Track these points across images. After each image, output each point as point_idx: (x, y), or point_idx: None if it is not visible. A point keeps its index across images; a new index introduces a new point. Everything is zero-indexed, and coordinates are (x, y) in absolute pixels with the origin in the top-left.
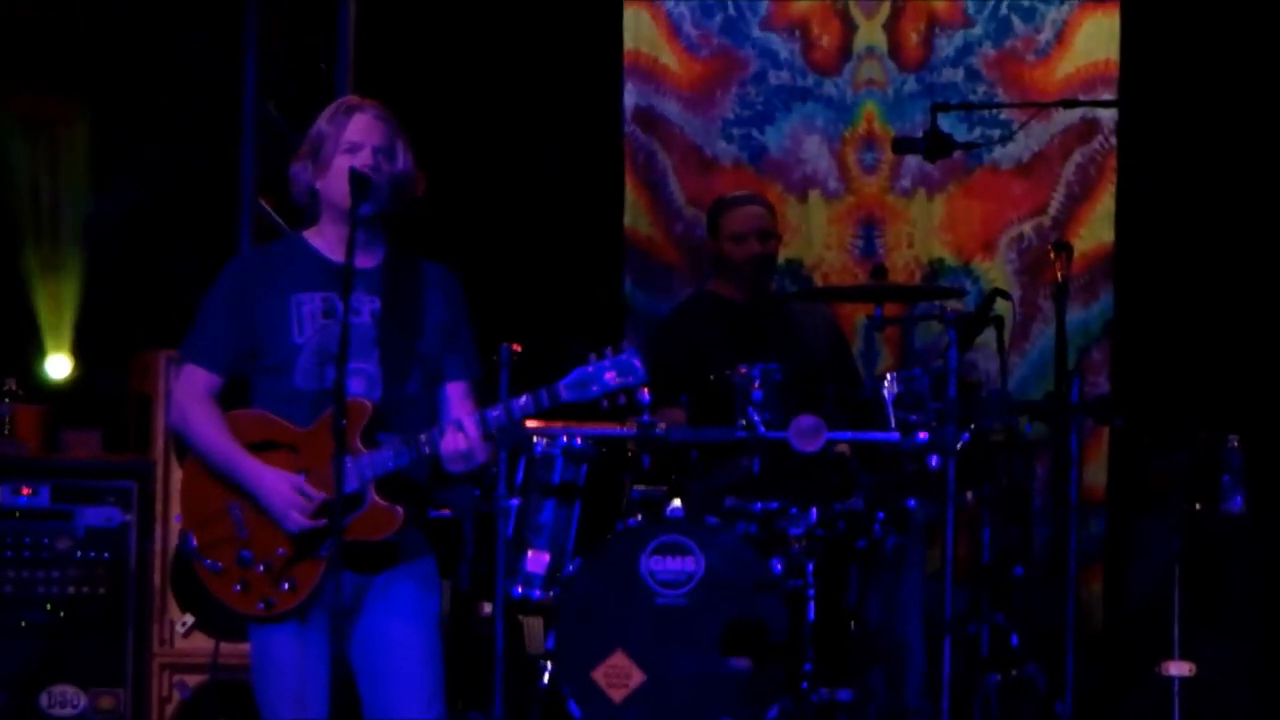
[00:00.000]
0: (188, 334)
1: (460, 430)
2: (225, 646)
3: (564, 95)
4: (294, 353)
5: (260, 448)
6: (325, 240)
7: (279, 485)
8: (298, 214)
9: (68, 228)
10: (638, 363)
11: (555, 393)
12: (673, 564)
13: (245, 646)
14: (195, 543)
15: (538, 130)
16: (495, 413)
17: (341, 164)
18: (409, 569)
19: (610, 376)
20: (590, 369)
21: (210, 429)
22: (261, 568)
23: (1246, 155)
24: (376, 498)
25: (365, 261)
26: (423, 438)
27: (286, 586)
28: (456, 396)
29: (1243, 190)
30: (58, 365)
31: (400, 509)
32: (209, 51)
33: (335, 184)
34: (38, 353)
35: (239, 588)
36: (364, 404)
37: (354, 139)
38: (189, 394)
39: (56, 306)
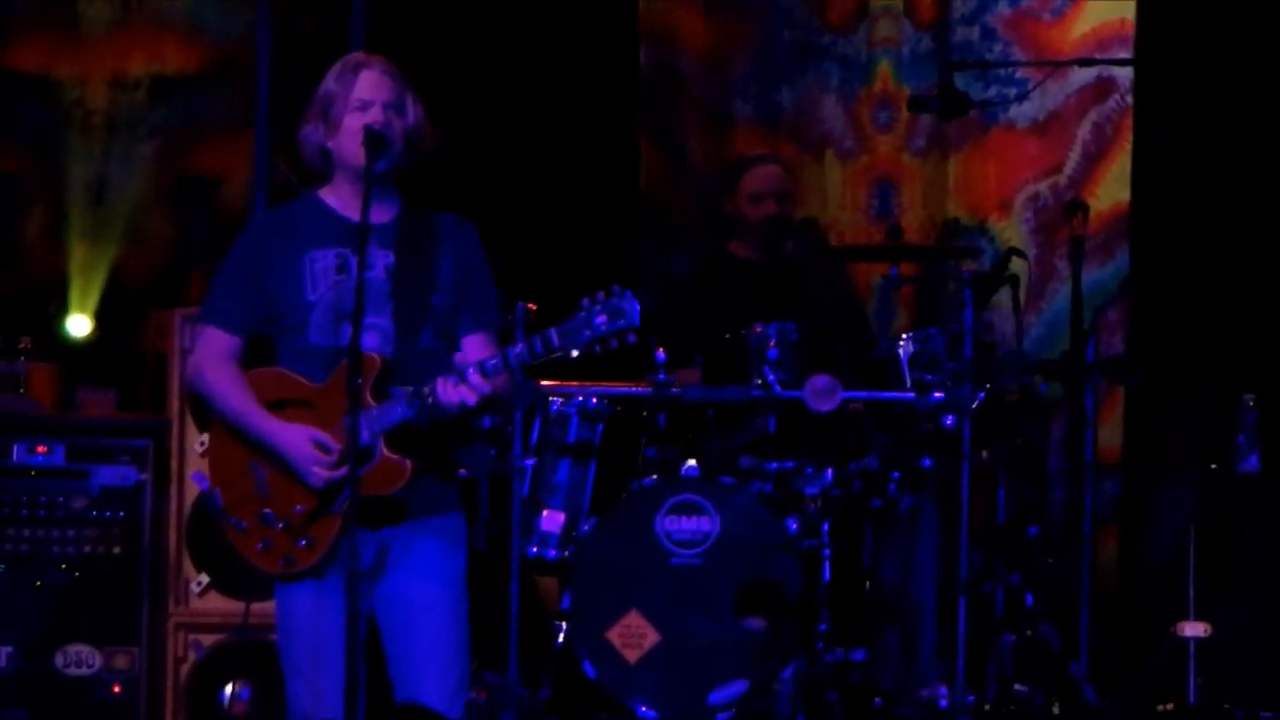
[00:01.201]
0: (206, 296)
1: (462, 379)
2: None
3: (580, 56)
4: (308, 310)
5: (277, 405)
6: (339, 197)
7: (298, 440)
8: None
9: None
10: (628, 305)
11: (548, 339)
12: (688, 524)
13: (268, 606)
14: (221, 502)
15: (553, 91)
16: (493, 362)
17: (352, 122)
18: (434, 523)
19: (601, 320)
20: (582, 315)
21: (229, 389)
22: (281, 525)
23: (1262, 113)
24: (386, 451)
25: (379, 216)
26: (426, 389)
27: (304, 543)
28: (473, 348)
29: (1259, 148)
30: (79, 324)
31: (409, 461)
32: None
33: (347, 143)
34: (61, 311)
35: (261, 546)
36: (374, 358)
37: (363, 96)
38: (208, 356)
39: (88, 268)
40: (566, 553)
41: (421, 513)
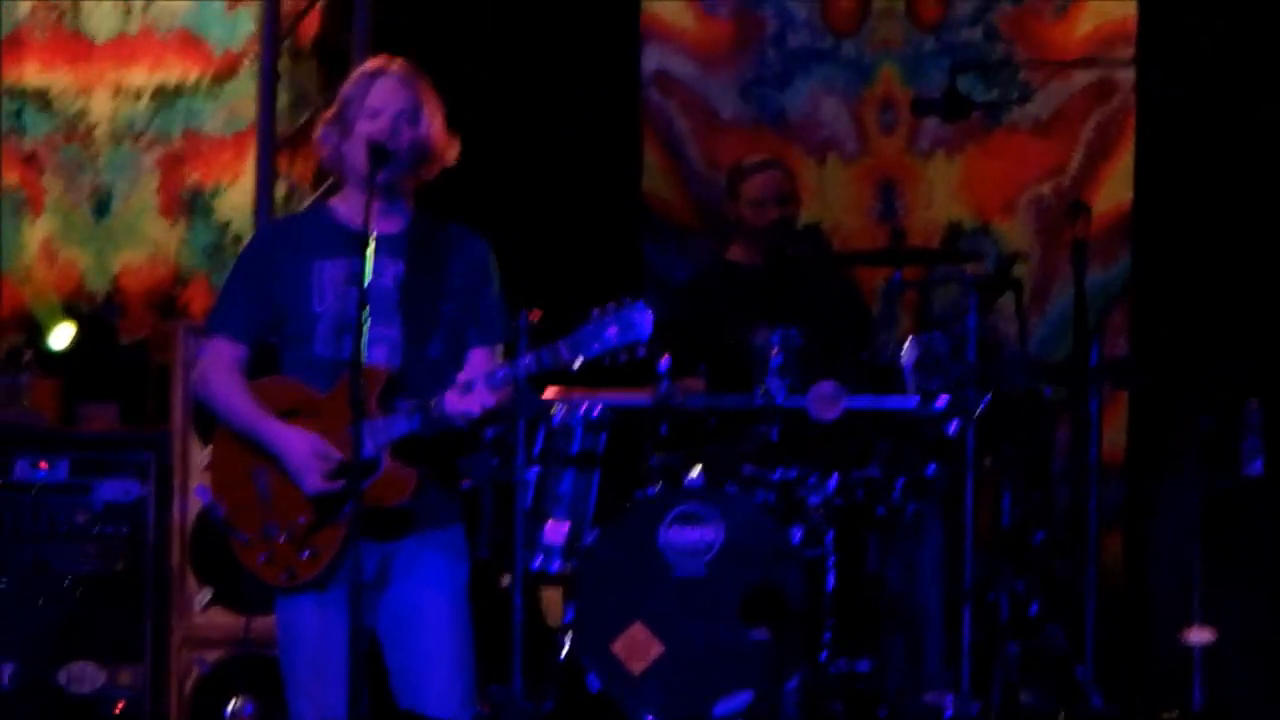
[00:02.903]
0: (213, 306)
1: (468, 391)
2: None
3: (582, 58)
4: (314, 320)
5: (285, 415)
6: (349, 206)
7: (299, 444)
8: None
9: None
10: (640, 317)
11: (556, 350)
12: (692, 533)
13: (271, 620)
14: (224, 514)
15: (556, 94)
16: (502, 373)
17: (362, 130)
18: (436, 537)
19: (611, 332)
20: (591, 325)
21: (234, 396)
22: (284, 537)
23: (1266, 114)
24: (392, 463)
25: (389, 226)
26: (433, 401)
27: (307, 555)
28: (478, 361)
29: (1263, 149)
30: (61, 335)
31: (414, 473)
32: None
33: (355, 150)
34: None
35: (264, 558)
36: (379, 370)
37: (375, 104)
38: (213, 365)
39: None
40: (570, 564)
41: (425, 525)
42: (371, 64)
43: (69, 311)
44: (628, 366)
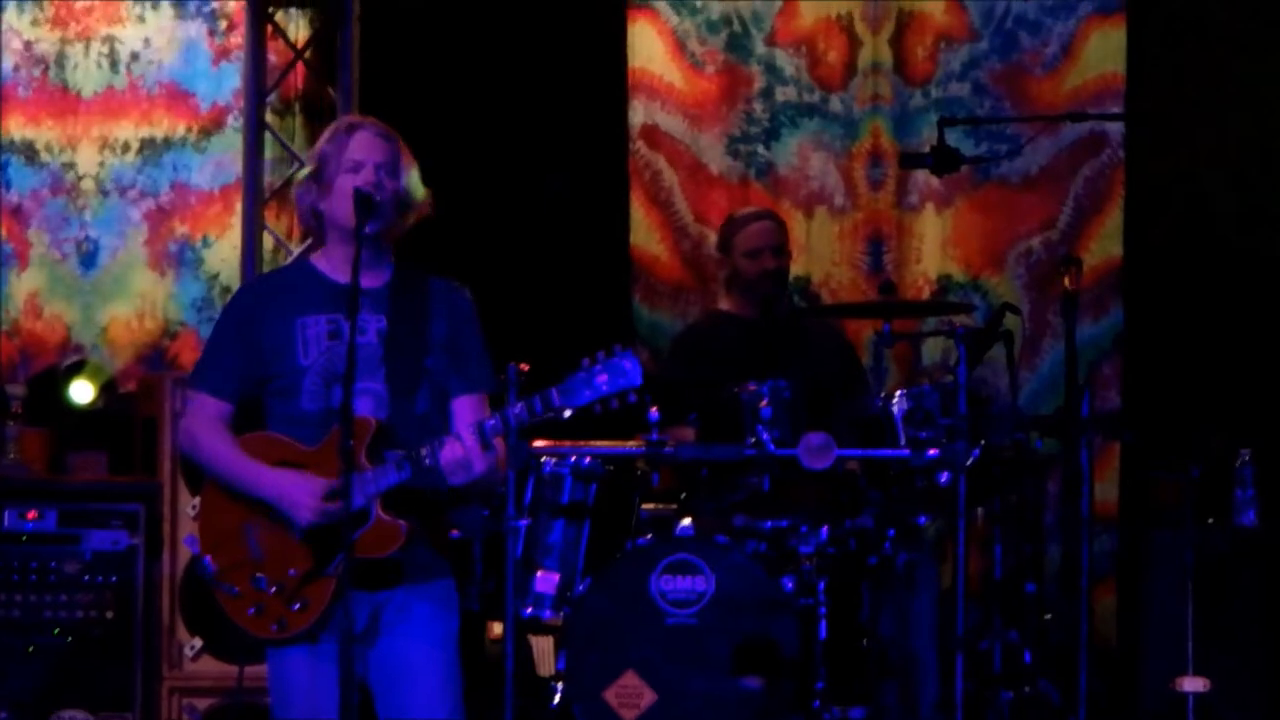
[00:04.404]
0: (197, 362)
1: (458, 440)
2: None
3: (569, 113)
4: (300, 375)
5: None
6: (330, 261)
7: (288, 481)
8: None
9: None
10: (629, 364)
11: (548, 398)
12: (683, 583)
13: (262, 669)
14: (213, 568)
15: (544, 148)
16: (492, 422)
17: (344, 184)
18: (426, 589)
19: (602, 380)
20: (582, 374)
21: (221, 449)
22: (274, 590)
23: (1253, 166)
24: (382, 514)
25: (371, 280)
26: (424, 450)
27: (298, 607)
28: (465, 409)
29: (1251, 201)
30: (82, 391)
31: (403, 524)
32: None
33: (339, 205)
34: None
35: (253, 611)
36: (368, 421)
37: (356, 158)
38: (199, 421)
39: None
40: (561, 613)
41: (416, 577)
42: (345, 120)
43: (89, 369)
44: (619, 416)
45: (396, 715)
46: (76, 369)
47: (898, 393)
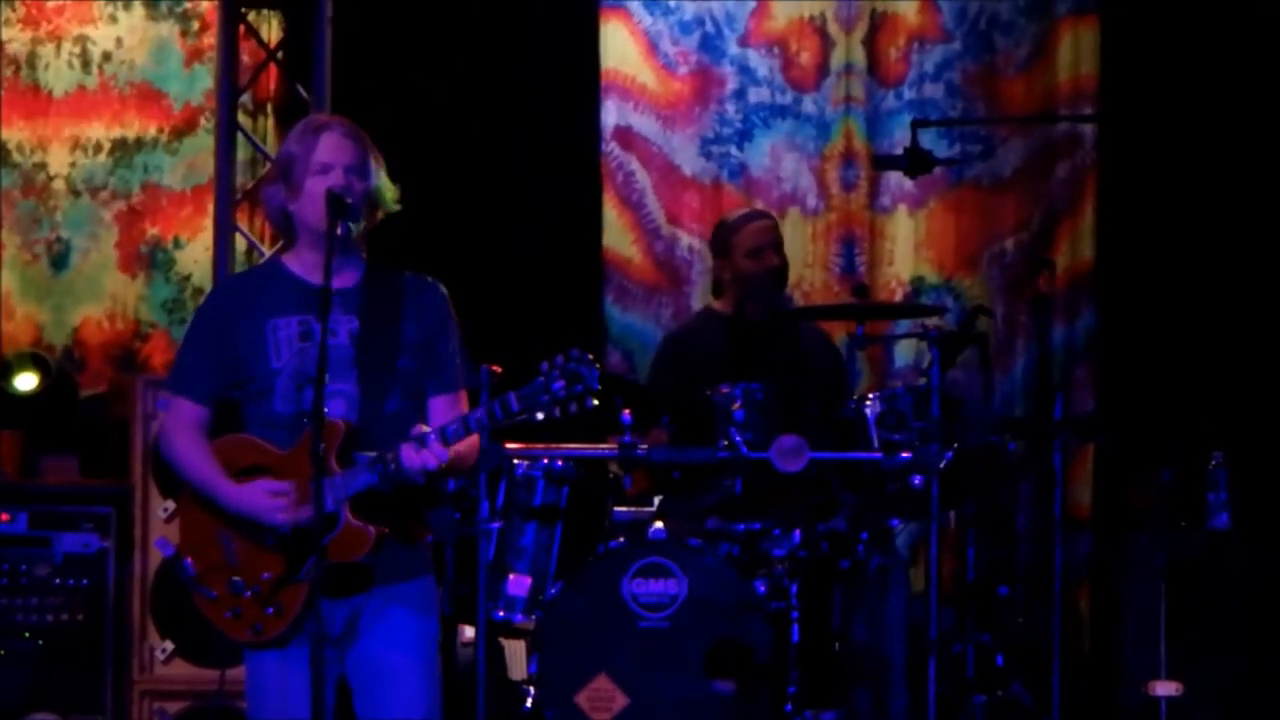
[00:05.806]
0: (172, 366)
1: (423, 445)
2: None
3: (542, 113)
4: (272, 377)
5: (247, 472)
6: (302, 263)
7: (254, 495)
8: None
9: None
10: (587, 370)
11: (507, 403)
12: (655, 586)
13: (239, 672)
14: (192, 570)
15: (516, 149)
16: (454, 427)
17: (313, 186)
18: (402, 590)
19: (559, 385)
20: (540, 379)
21: (195, 459)
22: (250, 594)
23: (1227, 169)
24: (350, 518)
25: (343, 281)
26: (389, 454)
27: (272, 611)
28: (439, 409)
29: (1224, 203)
30: (26, 380)
31: (371, 529)
32: None
33: (309, 206)
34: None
35: (230, 614)
36: (338, 424)
37: (324, 159)
38: (175, 426)
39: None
40: (533, 616)
41: (391, 578)
42: (312, 120)
43: (34, 360)
44: (591, 419)
45: (374, 716)
46: (22, 360)
47: (870, 395)
